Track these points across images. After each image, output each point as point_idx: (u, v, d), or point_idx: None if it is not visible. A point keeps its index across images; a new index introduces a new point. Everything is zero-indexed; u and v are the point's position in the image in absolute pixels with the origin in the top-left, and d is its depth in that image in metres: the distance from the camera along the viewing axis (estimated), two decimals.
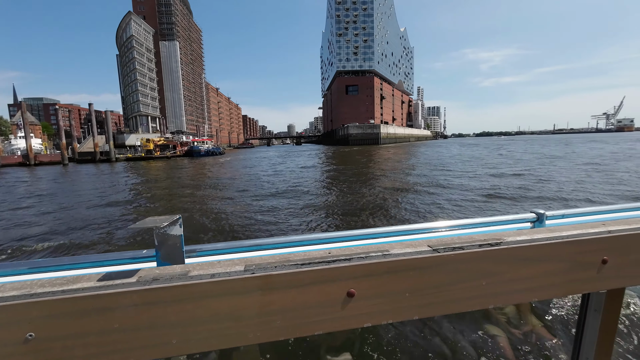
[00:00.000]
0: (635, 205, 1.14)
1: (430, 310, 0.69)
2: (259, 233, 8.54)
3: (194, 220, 9.95)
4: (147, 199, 15.10)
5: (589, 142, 63.78)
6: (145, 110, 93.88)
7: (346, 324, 0.63)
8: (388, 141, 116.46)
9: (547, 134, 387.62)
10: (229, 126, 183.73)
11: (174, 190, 17.87)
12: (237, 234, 8.57)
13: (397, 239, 0.87)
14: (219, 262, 0.66)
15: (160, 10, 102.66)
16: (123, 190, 18.47)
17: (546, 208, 1.06)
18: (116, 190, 18.29)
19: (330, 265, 0.63)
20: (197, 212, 11.35)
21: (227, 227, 9.19)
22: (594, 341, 0.99)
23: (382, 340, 2.92)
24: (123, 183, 22.30)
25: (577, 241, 0.79)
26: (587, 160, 24.60)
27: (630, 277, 0.85)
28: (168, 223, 0.67)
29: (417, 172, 21.95)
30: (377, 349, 2.82)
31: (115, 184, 21.70)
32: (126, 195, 16.41)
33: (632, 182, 13.97)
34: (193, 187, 18.76)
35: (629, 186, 13.12)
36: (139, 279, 0.57)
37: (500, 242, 0.75)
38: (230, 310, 0.58)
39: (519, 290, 0.75)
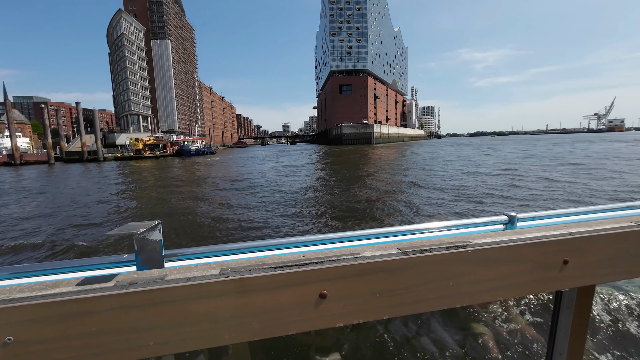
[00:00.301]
0: (595, 208, 1.17)
1: (399, 310, 0.72)
2: (227, 231, 8.61)
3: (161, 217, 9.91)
4: (121, 199, 15.00)
5: (575, 142, 64.65)
6: (136, 109, 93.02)
7: (319, 324, 0.66)
8: (381, 141, 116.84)
9: (539, 134, 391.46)
10: (222, 125, 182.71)
11: (148, 191, 17.81)
12: (204, 233, 8.60)
13: (369, 242, 0.90)
14: (196, 267, 0.67)
15: (152, 8, 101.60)
16: (99, 191, 18.32)
17: (518, 211, 1.09)
18: (88, 192, 18.12)
19: (303, 268, 0.65)
20: (168, 209, 11.39)
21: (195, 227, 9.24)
22: (567, 338, 1.02)
23: (371, 340, 2.96)
24: (104, 183, 22.12)
25: (540, 243, 0.82)
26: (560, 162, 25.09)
27: (589, 276, 0.89)
28: (147, 228, 0.68)
29: (400, 171, 22.21)
30: (365, 349, 2.87)
31: (93, 185, 21.50)
32: (101, 196, 16.28)
33: (592, 185, 14.38)
34: (172, 185, 18.76)
35: (586, 189, 13.41)
36: (117, 283, 0.59)
37: (466, 244, 0.78)
38: (207, 312, 0.59)
39: (484, 290, 0.78)
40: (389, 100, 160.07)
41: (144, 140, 62.54)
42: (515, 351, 2.86)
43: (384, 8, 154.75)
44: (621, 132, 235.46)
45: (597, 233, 0.89)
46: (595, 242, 0.88)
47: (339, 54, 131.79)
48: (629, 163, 21.64)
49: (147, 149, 61.87)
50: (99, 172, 32.15)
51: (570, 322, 1.02)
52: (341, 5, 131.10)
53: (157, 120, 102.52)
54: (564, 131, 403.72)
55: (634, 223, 0.96)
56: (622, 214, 1.14)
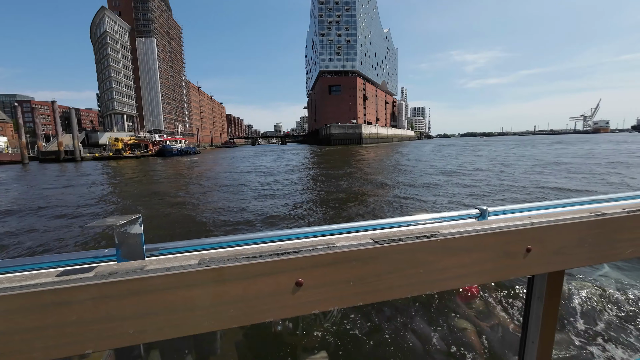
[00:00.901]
0: (558, 202, 1.25)
1: (372, 297, 0.75)
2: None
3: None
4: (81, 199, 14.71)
5: (555, 143, 65.94)
6: (120, 108, 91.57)
7: (295, 311, 0.69)
8: (370, 141, 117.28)
9: (528, 134, 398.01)
10: (211, 125, 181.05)
11: (110, 189, 17.50)
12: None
13: (344, 236, 0.93)
14: (176, 257, 0.69)
15: (137, 6, 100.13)
16: (62, 192, 17.93)
17: (489, 205, 1.15)
18: (48, 193, 17.73)
19: (280, 257, 0.68)
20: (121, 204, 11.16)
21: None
22: (538, 326, 1.07)
23: (357, 337, 3.03)
24: (70, 183, 21.69)
25: (504, 232, 0.86)
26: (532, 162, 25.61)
27: (550, 263, 0.93)
28: (128, 221, 0.68)
29: (381, 170, 22.37)
30: (351, 345, 2.93)
31: (58, 185, 21.06)
32: (59, 197, 15.95)
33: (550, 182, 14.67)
34: (134, 183, 18.59)
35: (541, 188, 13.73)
36: (97, 274, 0.60)
37: (435, 234, 0.81)
38: (185, 301, 0.61)
39: (453, 277, 0.82)
40: (379, 100, 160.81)
41: (125, 140, 61.65)
42: (495, 343, 3.00)
43: (373, 9, 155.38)
44: (606, 133, 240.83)
45: (557, 223, 0.93)
46: (555, 231, 0.92)
47: (328, 55, 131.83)
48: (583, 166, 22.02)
49: (128, 149, 61.02)
50: (74, 172, 31.53)
51: (541, 311, 1.07)
52: (330, 5, 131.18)
53: (143, 119, 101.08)
54: (551, 132, 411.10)
55: (592, 213, 1.00)
56: (581, 207, 1.20)
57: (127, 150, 60.57)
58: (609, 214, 1.01)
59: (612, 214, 1.01)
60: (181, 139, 75.93)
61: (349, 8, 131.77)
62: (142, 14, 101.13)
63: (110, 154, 58.37)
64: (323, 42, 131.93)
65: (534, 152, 37.39)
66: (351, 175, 20.33)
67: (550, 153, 35.02)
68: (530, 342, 1.10)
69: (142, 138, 69.80)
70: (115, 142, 59.43)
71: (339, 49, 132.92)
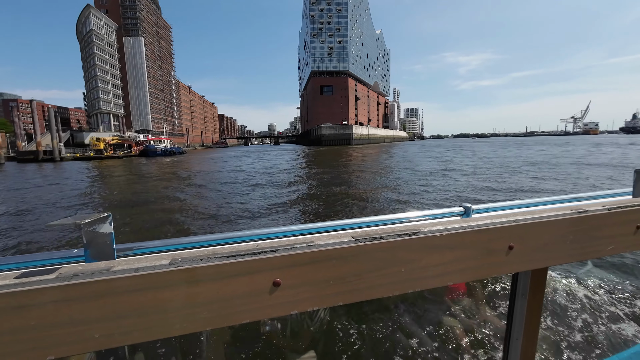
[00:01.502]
0: (540, 200, 1.26)
1: (352, 297, 0.73)
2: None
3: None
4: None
5: (537, 144, 66.67)
6: (106, 108, 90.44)
7: (273, 312, 0.66)
8: (361, 142, 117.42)
9: (519, 136, 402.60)
10: (202, 125, 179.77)
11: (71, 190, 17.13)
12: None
13: (324, 234, 0.91)
14: (146, 258, 0.66)
15: (124, 4, 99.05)
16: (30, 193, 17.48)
17: (473, 203, 1.14)
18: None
19: (256, 256, 0.65)
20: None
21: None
22: (522, 321, 1.08)
23: (345, 336, 3.07)
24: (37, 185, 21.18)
25: (486, 230, 0.85)
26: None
27: (532, 260, 0.93)
28: (96, 220, 0.65)
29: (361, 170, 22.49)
30: (339, 345, 2.97)
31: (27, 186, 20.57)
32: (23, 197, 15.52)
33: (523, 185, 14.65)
34: (107, 183, 18.21)
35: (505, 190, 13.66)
36: (59, 275, 0.57)
37: (417, 232, 0.80)
38: (155, 303, 0.58)
39: (435, 275, 0.80)
40: (371, 101, 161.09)
41: (108, 140, 60.83)
42: (481, 339, 3.05)
43: (365, 10, 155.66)
44: (595, 135, 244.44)
45: (539, 220, 0.93)
46: (538, 228, 0.92)
47: (319, 55, 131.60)
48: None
49: (111, 149, 60.24)
50: (47, 173, 30.90)
51: (525, 308, 1.07)
52: (322, 6, 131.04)
53: (130, 119, 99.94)
54: (542, 133, 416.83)
55: (573, 211, 1.01)
56: (563, 205, 1.20)
57: (109, 150, 59.82)
58: (590, 211, 1.01)
59: (593, 211, 1.01)
60: (166, 139, 75.16)
61: (340, 9, 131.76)
62: (129, 13, 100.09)
63: (92, 154, 57.62)
64: (314, 42, 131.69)
65: (504, 153, 37.75)
66: (327, 174, 20.34)
67: (521, 155, 35.30)
68: (514, 339, 1.10)
69: (125, 138, 69.01)
70: (97, 142, 58.65)
71: (331, 49, 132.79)
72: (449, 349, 2.95)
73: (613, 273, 4.49)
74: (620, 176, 16.28)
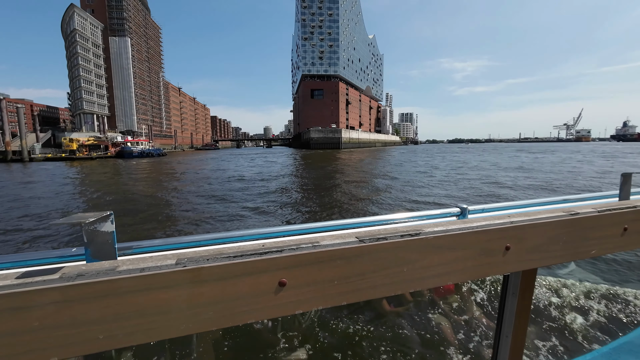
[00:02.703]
0: (535, 201, 1.29)
1: (356, 296, 0.73)
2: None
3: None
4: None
5: (516, 150, 66.87)
6: (89, 108, 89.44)
7: (278, 312, 0.66)
8: (350, 146, 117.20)
9: (513, 142, 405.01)
10: (193, 127, 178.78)
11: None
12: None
13: (328, 233, 0.92)
14: (151, 257, 0.65)
15: (110, 4, 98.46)
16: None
17: (469, 204, 1.18)
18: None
19: (262, 257, 0.65)
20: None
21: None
22: (512, 321, 1.11)
23: (335, 334, 3.09)
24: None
25: (484, 231, 0.87)
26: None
27: (528, 260, 0.95)
28: (98, 218, 0.64)
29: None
30: (330, 342, 2.99)
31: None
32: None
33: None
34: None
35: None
36: (62, 276, 0.55)
37: (419, 232, 0.81)
38: (159, 303, 0.58)
39: (435, 275, 0.82)
40: (363, 105, 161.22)
41: (82, 141, 59.98)
42: (471, 337, 3.13)
43: (357, 15, 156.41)
44: (587, 142, 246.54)
45: (534, 221, 0.95)
46: (533, 229, 0.94)
47: (310, 59, 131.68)
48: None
49: (85, 150, 59.43)
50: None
51: (515, 307, 1.10)
52: (313, 10, 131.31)
53: (115, 119, 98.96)
54: (535, 140, 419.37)
55: (566, 213, 1.03)
56: (557, 206, 1.23)
57: (84, 151, 59.03)
58: (582, 213, 1.03)
59: (584, 213, 1.04)
60: (144, 141, 74.38)
61: (331, 13, 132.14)
62: (115, 13, 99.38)
63: (63, 155, 56.88)
64: (306, 46, 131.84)
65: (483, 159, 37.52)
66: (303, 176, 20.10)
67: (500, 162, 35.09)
68: (504, 336, 1.13)
69: (102, 139, 68.12)
70: (70, 143, 57.83)
71: (322, 53, 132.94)
72: (438, 345, 2.99)
73: (594, 270, 4.61)
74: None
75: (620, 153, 48.00)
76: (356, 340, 3.02)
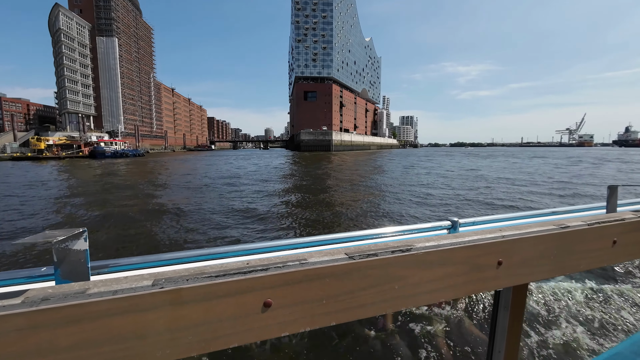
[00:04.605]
0: (526, 214, 1.27)
1: (346, 316, 0.70)
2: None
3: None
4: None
5: (510, 156, 64.95)
6: (74, 107, 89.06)
7: (262, 335, 0.63)
8: (342, 148, 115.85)
9: (515, 146, 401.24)
10: (187, 128, 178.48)
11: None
12: None
13: (316, 249, 0.88)
14: (125, 278, 0.60)
15: (98, 4, 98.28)
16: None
17: (460, 217, 1.15)
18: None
19: (246, 275, 0.62)
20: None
21: None
22: (504, 336, 1.08)
23: (326, 347, 3.09)
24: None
25: (476, 245, 0.85)
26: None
27: (520, 275, 0.93)
28: (69, 236, 0.59)
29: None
30: (320, 356, 2.97)
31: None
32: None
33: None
34: None
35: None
36: (26, 300, 0.51)
37: (410, 247, 0.79)
38: (135, 328, 0.53)
39: (426, 292, 0.79)
40: (358, 108, 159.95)
41: (54, 141, 59.26)
42: (464, 350, 3.12)
43: (353, 18, 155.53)
44: (590, 147, 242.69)
45: (526, 235, 0.93)
46: (524, 243, 0.93)
47: (304, 61, 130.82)
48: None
49: (56, 149, 58.67)
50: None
51: (507, 321, 1.08)
52: (307, 12, 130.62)
53: (102, 119, 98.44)
54: (538, 144, 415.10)
55: (557, 226, 1.02)
56: (547, 218, 1.22)
57: (54, 150, 58.26)
58: (572, 226, 1.03)
59: (574, 226, 1.03)
60: (119, 141, 73.41)
61: (325, 15, 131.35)
62: (103, 13, 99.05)
63: (29, 154, 56.07)
64: (299, 48, 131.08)
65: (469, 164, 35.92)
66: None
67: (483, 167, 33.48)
68: (497, 352, 1.11)
69: (75, 139, 67.24)
70: (37, 142, 57.12)
71: (315, 55, 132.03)
72: (431, 358, 2.97)
73: (582, 282, 4.63)
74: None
75: (594, 159, 46.01)
76: (345, 349, 3.00)
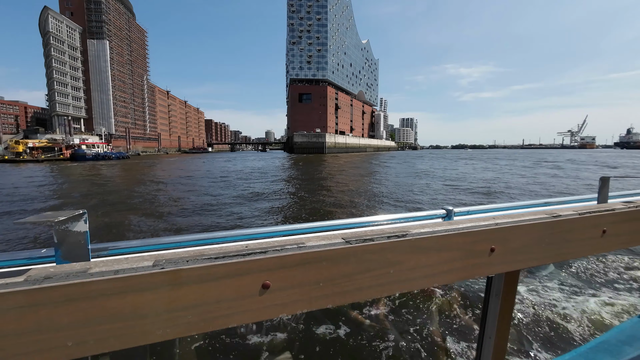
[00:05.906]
0: (519, 204, 1.30)
1: (341, 299, 0.72)
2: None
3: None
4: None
5: (509, 159, 63.77)
6: (63, 110, 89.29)
7: (261, 315, 0.64)
8: (336, 151, 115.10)
9: (517, 148, 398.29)
10: (183, 130, 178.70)
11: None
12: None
13: (314, 235, 0.89)
14: (126, 259, 0.60)
15: (89, 7, 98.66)
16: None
17: (455, 206, 1.18)
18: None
19: (245, 258, 0.63)
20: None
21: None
22: (495, 320, 1.12)
23: (321, 336, 3.10)
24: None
25: (470, 232, 0.87)
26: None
27: (512, 262, 0.95)
28: (69, 217, 0.60)
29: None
30: (314, 344, 3.00)
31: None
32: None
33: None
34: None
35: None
36: (28, 278, 0.51)
37: (406, 233, 0.80)
38: (135, 308, 0.54)
39: (422, 276, 0.81)
40: (355, 110, 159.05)
41: (33, 143, 58.94)
42: (455, 337, 3.21)
43: (349, 20, 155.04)
44: (591, 149, 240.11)
45: (518, 223, 0.96)
46: (516, 231, 0.95)
47: (298, 63, 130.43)
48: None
49: (36, 152, 58.34)
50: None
51: (498, 308, 1.11)
52: (301, 14, 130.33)
53: (92, 122, 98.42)
54: (540, 146, 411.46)
55: (549, 215, 1.05)
56: (540, 208, 1.24)
57: (34, 153, 57.99)
58: (563, 215, 1.05)
59: (566, 215, 1.05)
60: (101, 144, 73.04)
61: (320, 18, 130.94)
62: (95, 16, 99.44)
63: (6, 157, 55.98)
64: (294, 50, 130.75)
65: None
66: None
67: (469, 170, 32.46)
68: (487, 337, 1.14)
69: (57, 141, 67.23)
70: (15, 145, 56.87)
71: (310, 57, 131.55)
72: (423, 343, 3.03)
73: (572, 273, 4.68)
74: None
75: (578, 161, 44.70)
76: (339, 338, 3.04)
